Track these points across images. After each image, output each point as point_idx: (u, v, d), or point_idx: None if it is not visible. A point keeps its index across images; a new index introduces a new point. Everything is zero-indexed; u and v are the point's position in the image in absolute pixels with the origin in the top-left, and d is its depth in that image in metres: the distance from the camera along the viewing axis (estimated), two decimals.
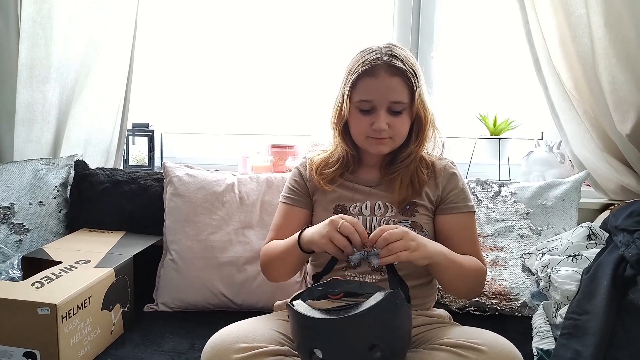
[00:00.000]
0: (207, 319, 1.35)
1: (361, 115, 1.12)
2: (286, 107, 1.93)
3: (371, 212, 1.15)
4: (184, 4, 1.91)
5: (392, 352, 0.89)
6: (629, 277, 1.11)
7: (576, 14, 1.43)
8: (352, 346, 0.87)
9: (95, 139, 1.78)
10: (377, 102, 1.10)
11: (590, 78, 1.45)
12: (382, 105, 1.09)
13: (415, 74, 1.11)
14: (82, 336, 1.11)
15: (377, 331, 0.87)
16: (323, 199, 1.19)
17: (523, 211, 1.47)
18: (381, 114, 1.09)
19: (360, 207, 1.16)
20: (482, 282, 1.15)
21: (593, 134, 1.50)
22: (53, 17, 1.62)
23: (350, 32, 1.84)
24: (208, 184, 1.48)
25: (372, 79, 1.09)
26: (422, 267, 1.13)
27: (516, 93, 1.81)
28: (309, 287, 1.03)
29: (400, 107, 1.10)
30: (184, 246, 1.43)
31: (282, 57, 1.91)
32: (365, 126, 1.11)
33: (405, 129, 1.14)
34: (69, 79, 1.68)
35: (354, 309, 0.86)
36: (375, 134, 1.11)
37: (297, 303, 0.92)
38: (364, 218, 1.14)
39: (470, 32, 1.81)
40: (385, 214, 1.14)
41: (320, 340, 0.88)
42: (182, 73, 1.95)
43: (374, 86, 1.09)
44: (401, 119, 1.11)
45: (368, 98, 1.10)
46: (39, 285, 1.11)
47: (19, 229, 1.50)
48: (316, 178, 1.19)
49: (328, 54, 1.84)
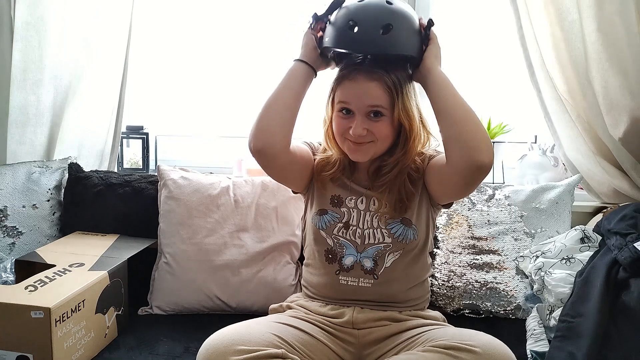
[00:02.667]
0: (201, 323, 1.35)
1: (341, 117, 1.12)
2: None
3: (366, 207, 1.17)
4: (179, 7, 1.91)
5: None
6: (622, 279, 1.12)
7: (569, 19, 1.44)
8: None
9: (89, 142, 1.77)
10: (355, 106, 1.09)
11: (583, 82, 1.47)
12: (359, 109, 1.09)
13: (399, 82, 1.08)
14: (76, 340, 1.11)
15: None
16: (321, 187, 1.21)
17: (517, 214, 1.47)
18: (358, 119, 1.08)
19: (356, 201, 1.18)
20: (488, 140, 1.02)
21: (586, 138, 1.52)
22: (47, 20, 1.61)
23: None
24: (203, 187, 1.48)
25: (351, 82, 1.09)
26: (413, 269, 1.16)
27: (510, 97, 1.82)
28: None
29: (380, 110, 1.08)
30: (179, 249, 1.43)
31: (276, 60, 1.91)
32: (343, 128, 1.11)
33: (387, 134, 1.11)
34: (62, 81, 1.67)
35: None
36: (354, 138, 1.10)
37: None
38: (358, 211, 1.17)
39: (464, 37, 1.82)
40: (379, 210, 1.15)
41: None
42: (176, 75, 1.95)
43: (352, 89, 1.09)
44: (381, 124, 1.09)
45: (346, 100, 1.10)
46: (33, 289, 1.10)
47: (12, 232, 1.49)
48: (318, 175, 1.21)
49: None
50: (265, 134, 1.10)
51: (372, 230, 1.15)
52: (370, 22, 1.03)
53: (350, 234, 1.16)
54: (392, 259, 1.15)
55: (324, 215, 1.18)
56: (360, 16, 1.04)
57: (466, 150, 0.99)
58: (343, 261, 1.16)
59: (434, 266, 1.44)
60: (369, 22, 1.03)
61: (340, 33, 1.06)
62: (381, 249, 1.14)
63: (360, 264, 1.15)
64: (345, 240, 1.16)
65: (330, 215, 1.18)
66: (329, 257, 1.17)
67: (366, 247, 1.15)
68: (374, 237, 1.15)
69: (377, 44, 1.03)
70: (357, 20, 1.04)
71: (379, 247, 1.14)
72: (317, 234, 1.19)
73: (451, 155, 1.02)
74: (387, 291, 1.15)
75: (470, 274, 1.42)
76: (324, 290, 1.18)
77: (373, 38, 1.03)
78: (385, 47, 1.03)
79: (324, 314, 1.15)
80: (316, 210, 1.20)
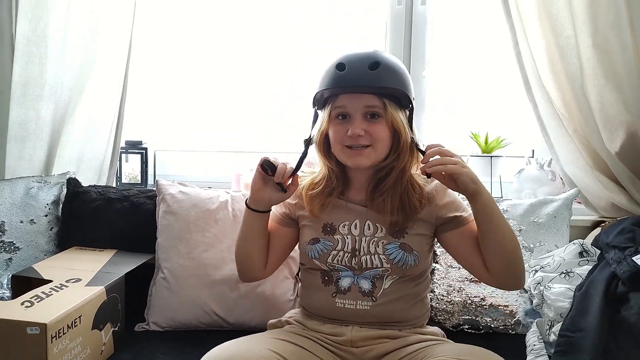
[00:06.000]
0: (198, 339, 1.33)
1: (338, 123, 1.10)
2: (279, 125, 1.94)
3: (360, 232, 1.13)
4: (178, 23, 1.93)
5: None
6: (621, 293, 1.11)
7: (564, 35, 1.46)
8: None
9: (88, 157, 1.77)
10: (352, 107, 1.08)
11: (579, 97, 1.48)
12: (356, 110, 1.08)
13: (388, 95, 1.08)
14: (72, 356, 1.10)
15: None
16: (313, 218, 1.17)
17: (515, 228, 1.47)
18: (356, 120, 1.07)
19: (350, 226, 1.14)
20: (523, 265, 1.07)
21: (583, 152, 1.52)
22: (48, 36, 1.63)
23: (339, 55, 1.88)
24: (201, 202, 1.48)
25: (343, 95, 1.09)
26: (413, 289, 1.13)
27: (507, 112, 1.83)
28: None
29: (376, 110, 1.08)
30: (176, 264, 1.42)
31: (275, 75, 1.92)
32: (342, 134, 1.09)
33: (384, 136, 1.08)
34: (62, 96, 1.68)
35: None
36: (352, 141, 1.08)
37: None
38: (353, 237, 1.13)
39: (461, 52, 1.84)
40: (375, 234, 1.12)
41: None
42: (175, 91, 1.96)
43: (347, 96, 1.09)
44: (379, 126, 1.08)
45: (342, 104, 1.09)
46: (29, 305, 1.09)
47: (9, 247, 1.48)
48: (307, 206, 1.16)
49: (318, 78, 1.86)
50: (249, 271, 1.20)
51: (369, 256, 1.11)
52: (358, 61, 1.07)
53: (345, 261, 1.12)
54: (391, 280, 1.11)
55: (316, 244, 1.14)
56: (348, 59, 1.08)
57: (511, 279, 1.08)
58: (340, 283, 1.12)
59: (432, 281, 1.43)
60: (356, 61, 1.07)
61: (328, 74, 1.09)
62: (379, 273, 1.11)
63: (357, 285, 1.11)
64: (341, 266, 1.13)
65: (322, 244, 1.13)
66: (325, 279, 1.14)
67: (363, 272, 1.12)
68: (372, 262, 1.11)
69: (366, 78, 1.05)
70: (345, 62, 1.07)
71: (377, 272, 1.11)
72: (311, 262, 1.15)
73: (495, 276, 1.08)
74: (386, 312, 1.11)
75: (469, 288, 1.41)
76: (321, 311, 1.15)
77: (361, 74, 1.05)
78: (374, 81, 1.05)
79: (322, 332, 1.13)
80: (308, 240, 1.16)
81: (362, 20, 1.88)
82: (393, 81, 1.06)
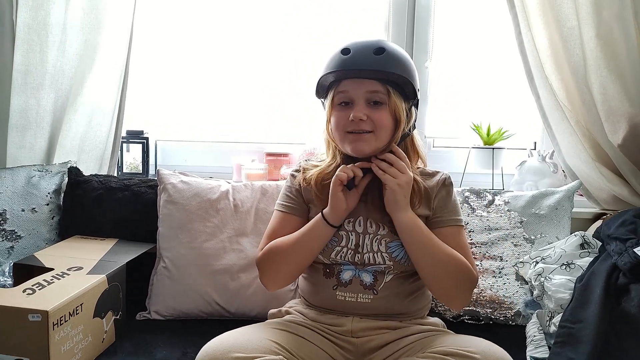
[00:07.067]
0: (199, 328, 1.34)
1: (339, 110, 1.10)
2: (281, 115, 1.94)
3: (364, 229, 1.13)
4: (180, 12, 1.92)
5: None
6: (622, 285, 1.11)
7: (568, 26, 1.45)
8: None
9: (89, 146, 1.77)
10: (354, 93, 1.08)
11: (582, 89, 1.47)
12: (359, 96, 1.08)
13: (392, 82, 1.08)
14: (73, 344, 1.10)
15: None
16: (319, 210, 1.16)
17: (516, 220, 1.47)
18: (359, 105, 1.08)
19: (354, 224, 1.14)
20: (469, 286, 1.10)
21: (585, 144, 1.52)
22: (49, 24, 1.62)
23: (345, 42, 1.87)
24: (202, 191, 1.48)
25: (347, 79, 1.09)
26: (415, 282, 1.14)
27: (509, 103, 1.83)
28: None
29: (379, 97, 1.08)
30: (178, 254, 1.42)
31: (277, 65, 1.92)
32: (344, 120, 1.09)
33: (386, 123, 1.09)
34: (63, 85, 1.68)
35: None
36: (354, 126, 1.08)
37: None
38: (357, 234, 1.13)
39: (464, 43, 1.83)
40: (377, 232, 1.12)
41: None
42: (177, 80, 1.96)
43: (350, 81, 1.09)
44: (381, 113, 1.08)
45: (344, 89, 1.09)
46: (30, 292, 1.10)
47: (11, 235, 1.49)
48: (320, 196, 1.15)
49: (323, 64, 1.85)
50: (275, 281, 1.18)
51: (371, 254, 1.11)
52: (363, 46, 1.07)
53: (349, 257, 1.12)
54: (392, 275, 1.12)
55: None
56: (354, 44, 1.08)
57: (445, 300, 1.15)
58: (341, 275, 1.13)
59: None
60: (361, 46, 1.07)
61: (333, 59, 1.09)
62: (381, 268, 1.12)
63: (359, 278, 1.12)
64: (344, 261, 1.13)
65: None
66: (326, 271, 1.15)
67: (365, 267, 1.12)
68: (374, 259, 1.11)
69: (370, 62, 1.05)
70: (351, 47, 1.08)
71: (379, 267, 1.12)
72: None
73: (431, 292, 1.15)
74: (387, 305, 1.12)
75: None
76: (321, 303, 1.16)
77: (365, 58, 1.05)
78: (378, 65, 1.05)
79: (323, 322, 1.13)
80: None
81: (361, 16, 1.87)
82: (398, 68, 1.06)
